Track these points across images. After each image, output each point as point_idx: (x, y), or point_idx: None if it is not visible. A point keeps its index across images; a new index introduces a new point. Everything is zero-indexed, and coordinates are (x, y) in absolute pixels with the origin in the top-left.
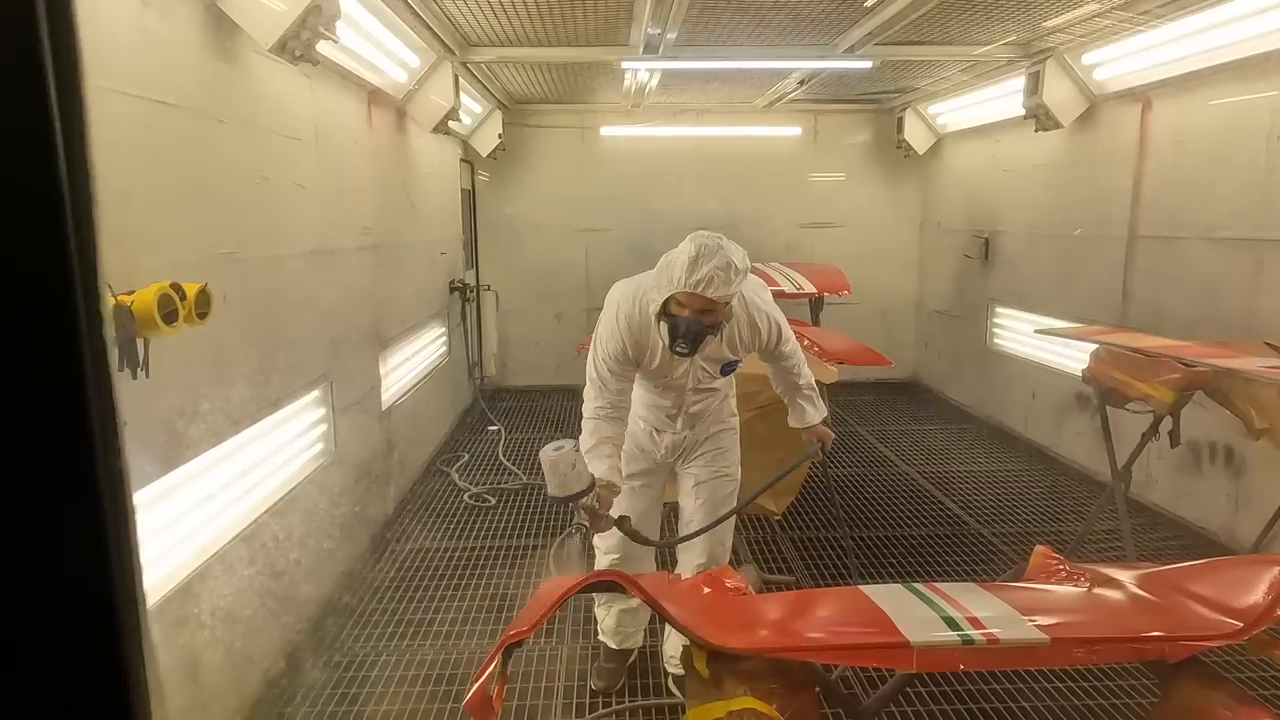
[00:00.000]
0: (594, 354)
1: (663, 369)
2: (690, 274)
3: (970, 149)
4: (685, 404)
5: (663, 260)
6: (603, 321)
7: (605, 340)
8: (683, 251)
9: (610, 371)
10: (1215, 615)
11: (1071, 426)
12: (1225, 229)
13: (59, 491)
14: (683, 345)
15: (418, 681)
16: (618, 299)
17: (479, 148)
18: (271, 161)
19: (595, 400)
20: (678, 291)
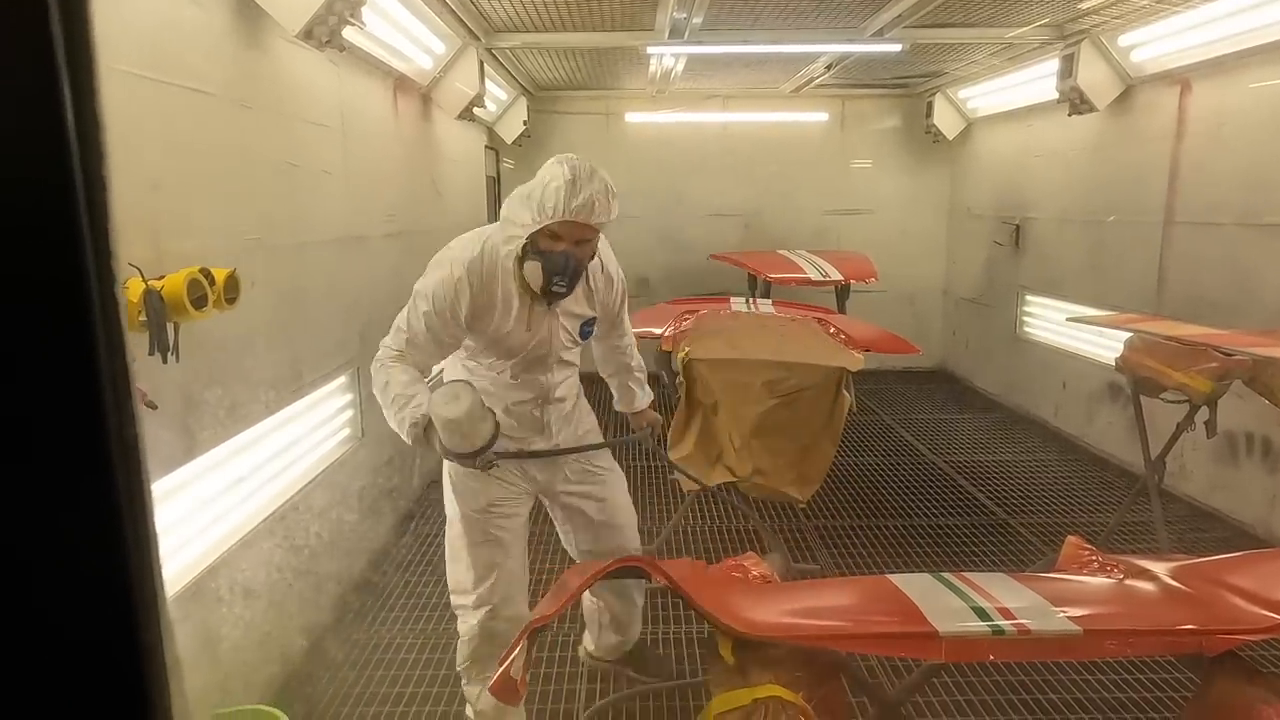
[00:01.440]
0: (408, 313)
1: (517, 332)
2: (571, 198)
3: (1001, 134)
4: (551, 387)
5: (521, 193)
6: (429, 275)
7: (432, 295)
8: (554, 176)
9: (427, 329)
10: (1254, 608)
11: (1103, 416)
12: (1266, 214)
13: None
14: (561, 283)
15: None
16: (455, 250)
17: (504, 135)
18: (299, 148)
19: (393, 360)
20: (554, 222)
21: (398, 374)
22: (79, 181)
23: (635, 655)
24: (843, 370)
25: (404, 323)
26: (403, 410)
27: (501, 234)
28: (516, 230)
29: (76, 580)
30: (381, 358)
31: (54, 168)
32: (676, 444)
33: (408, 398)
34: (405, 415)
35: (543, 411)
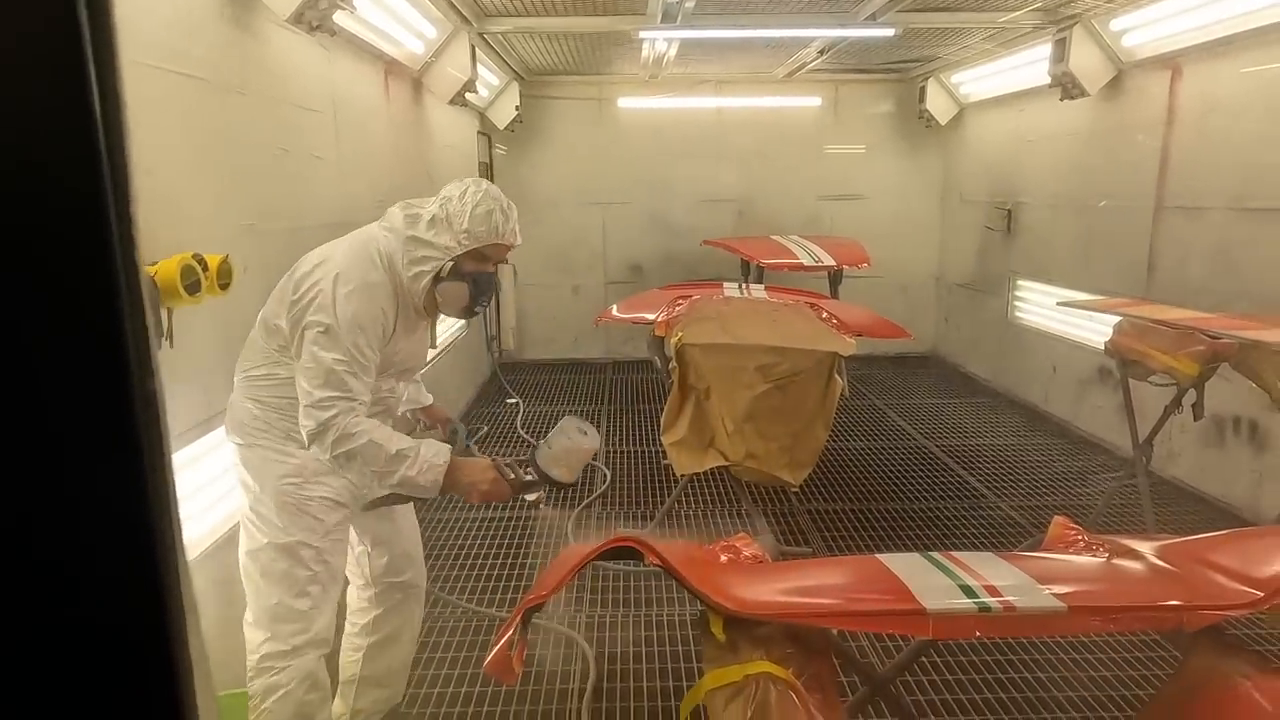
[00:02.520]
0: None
1: (405, 349)
2: (505, 222)
3: (993, 119)
4: (398, 397)
5: (427, 214)
6: (348, 303)
7: (364, 325)
8: (478, 200)
9: (367, 363)
10: (1235, 585)
11: (1092, 400)
12: (1255, 199)
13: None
14: (484, 303)
15: (439, 647)
16: (358, 270)
17: (496, 120)
18: (290, 133)
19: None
20: (489, 244)
21: (375, 429)
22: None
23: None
24: (835, 355)
25: (339, 364)
26: (418, 459)
27: (405, 254)
28: (433, 252)
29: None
30: (337, 419)
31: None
32: (669, 429)
33: (413, 447)
34: (425, 463)
35: (386, 419)
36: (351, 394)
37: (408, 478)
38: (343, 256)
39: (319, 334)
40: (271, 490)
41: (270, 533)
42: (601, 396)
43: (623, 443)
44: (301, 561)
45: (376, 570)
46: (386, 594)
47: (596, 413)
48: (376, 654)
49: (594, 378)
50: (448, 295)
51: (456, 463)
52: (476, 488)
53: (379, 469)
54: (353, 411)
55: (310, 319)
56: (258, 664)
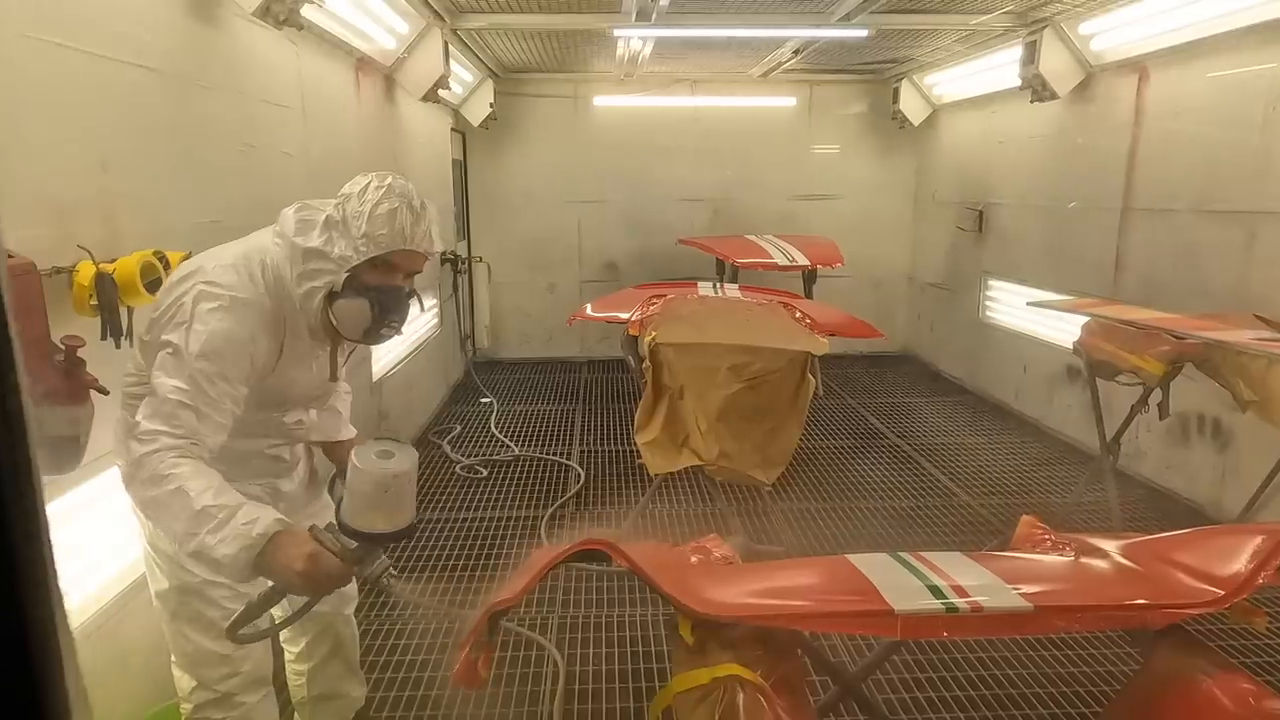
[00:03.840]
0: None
1: (301, 379)
2: (415, 224)
3: (965, 120)
4: (308, 425)
5: (319, 218)
6: (204, 322)
7: (221, 349)
8: (380, 199)
9: (221, 395)
10: (1198, 584)
11: (1062, 399)
12: (1218, 201)
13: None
14: (395, 322)
15: (409, 650)
16: (226, 285)
17: (470, 117)
18: (257, 129)
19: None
20: (395, 251)
21: (194, 477)
22: None
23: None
24: (807, 354)
25: (176, 393)
26: (226, 523)
27: (292, 267)
28: (326, 265)
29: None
30: (152, 455)
31: None
32: (643, 429)
33: (229, 508)
34: (233, 530)
35: (290, 452)
36: (181, 431)
37: (205, 546)
38: (216, 267)
39: (166, 355)
40: (173, 537)
41: (173, 573)
42: (576, 395)
43: (597, 442)
44: (213, 602)
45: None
46: (311, 621)
47: (571, 411)
48: (319, 674)
49: (569, 376)
50: (345, 315)
51: (282, 537)
52: (291, 569)
53: (180, 530)
54: (176, 451)
55: (164, 337)
56: (192, 715)
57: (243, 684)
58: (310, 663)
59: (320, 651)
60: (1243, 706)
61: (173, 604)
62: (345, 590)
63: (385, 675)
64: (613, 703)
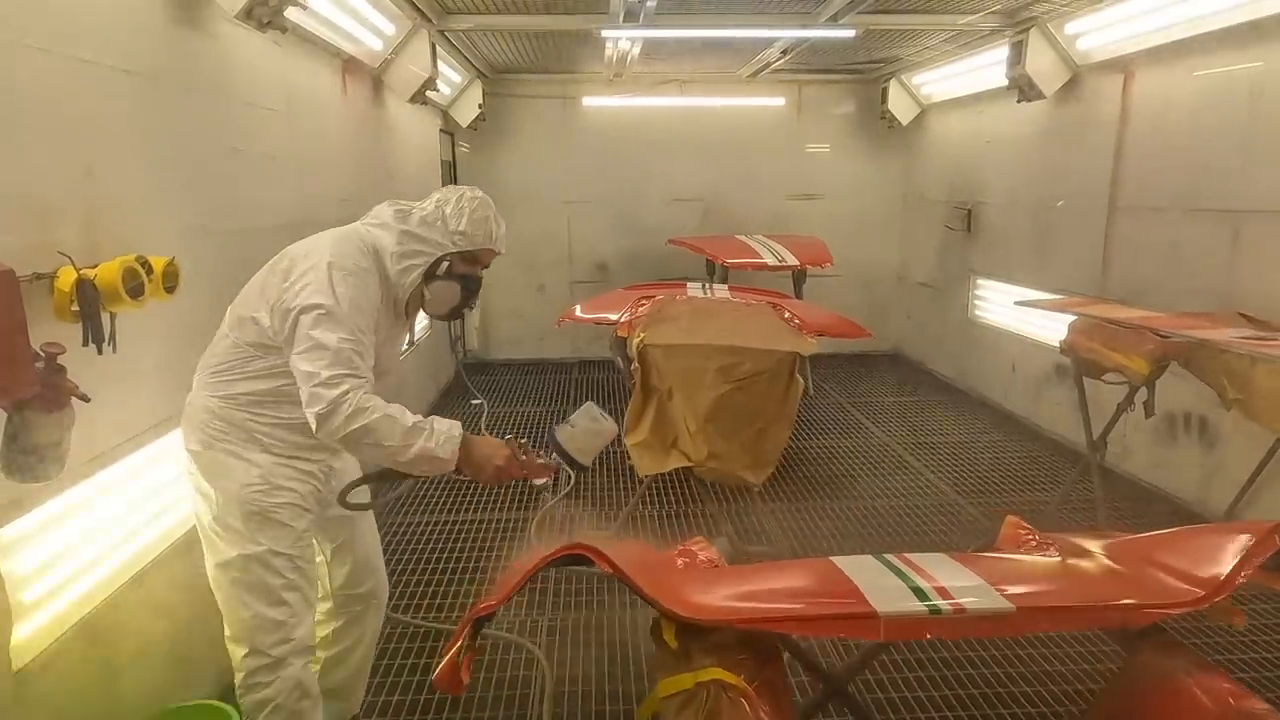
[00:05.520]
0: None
1: (385, 349)
2: (498, 227)
3: (953, 120)
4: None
5: (418, 213)
6: (345, 284)
7: (364, 308)
8: (473, 204)
9: (371, 352)
10: (1179, 584)
11: (1050, 397)
12: (1203, 200)
13: None
14: (473, 304)
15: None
16: (350, 257)
17: (459, 118)
18: (242, 132)
19: (363, 388)
20: (482, 248)
21: (386, 404)
22: None
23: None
24: (795, 355)
25: (345, 343)
26: (434, 432)
27: (396, 248)
28: (426, 247)
29: None
30: (349, 395)
31: None
32: (632, 430)
33: (428, 420)
34: (442, 435)
35: None
36: (360, 372)
37: (426, 450)
38: (332, 244)
39: (320, 316)
40: (235, 499)
41: (238, 543)
42: (567, 396)
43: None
44: (274, 570)
45: (336, 581)
46: (346, 605)
47: (563, 413)
48: (334, 666)
49: (559, 377)
50: (439, 294)
51: (471, 438)
52: (491, 462)
53: (396, 443)
54: (362, 388)
55: (306, 303)
56: (244, 681)
57: (294, 649)
58: (331, 650)
59: (345, 641)
60: (1223, 706)
61: (235, 572)
62: (380, 573)
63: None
64: (602, 705)
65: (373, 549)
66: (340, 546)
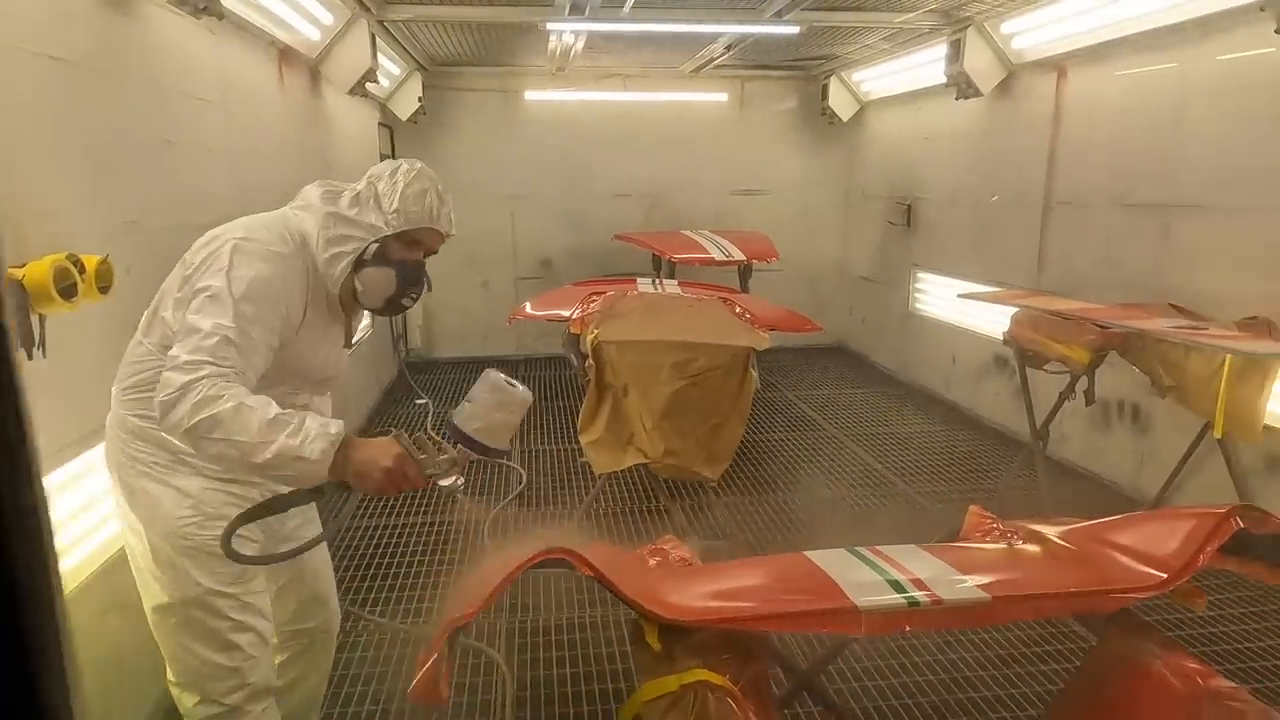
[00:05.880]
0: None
1: (320, 349)
2: (442, 205)
3: (893, 116)
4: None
5: (350, 192)
6: (242, 267)
7: (263, 293)
8: (412, 179)
9: (260, 338)
10: (1142, 568)
11: (990, 387)
12: (1134, 195)
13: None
14: (414, 295)
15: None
16: (263, 241)
17: (398, 111)
18: (176, 123)
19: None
20: (421, 228)
21: (250, 396)
22: None
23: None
24: (749, 350)
25: (221, 329)
26: (303, 429)
27: (322, 232)
28: (355, 231)
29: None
30: (202, 381)
31: None
32: (587, 428)
33: (298, 415)
34: (313, 431)
35: None
36: (228, 363)
37: (287, 448)
38: (246, 227)
39: (205, 299)
40: (167, 535)
41: (175, 586)
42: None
43: (539, 441)
44: (218, 612)
45: (281, 618)
46: (292, 639)
47: None
48: (282, 696)
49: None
50: (371, 283)
51: (353, 439)
52: (376, 465)
53: (250, 439)
54: (225, 377)
55: (196, 287)
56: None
57: (250, 695)
58: (279, 682)
59: (291, 673)
60: (1191, 686)
61: (175, 617)
62: (330, 605)
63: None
64: (566, 708)
65: (323, 581)
66: (285, 585)
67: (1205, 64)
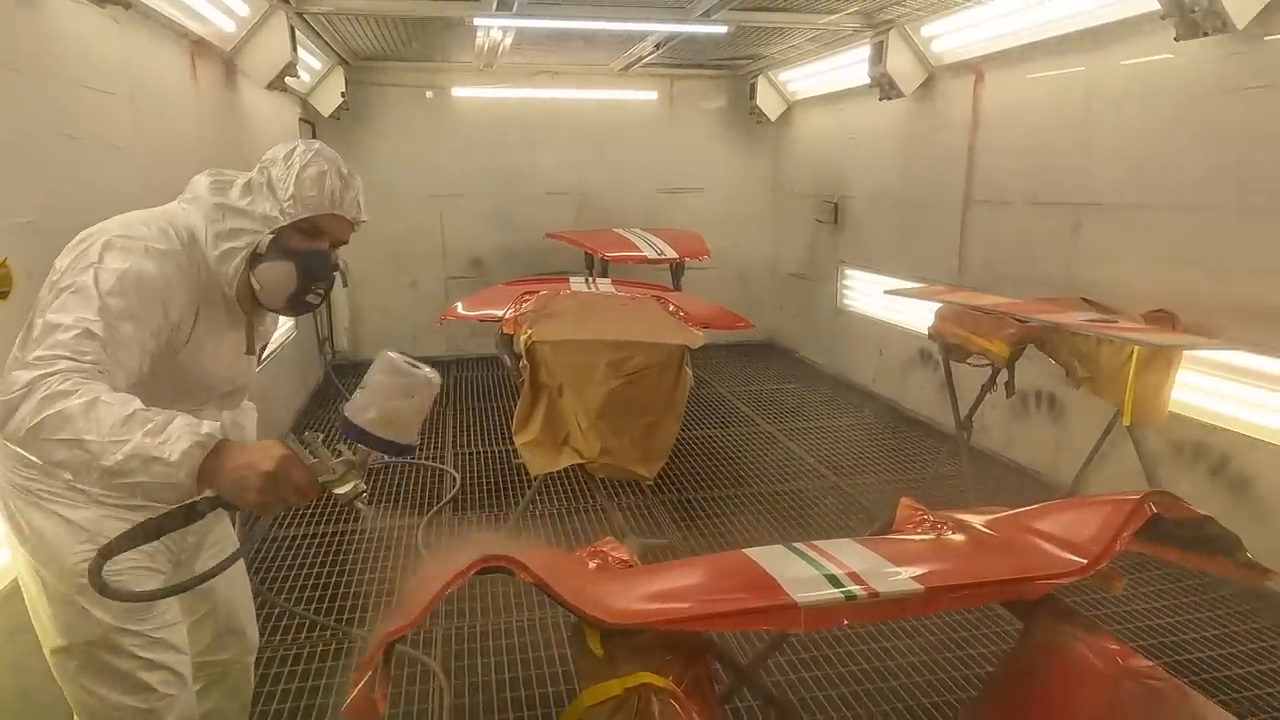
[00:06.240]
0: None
1: (215, 358)
2: (346, 189)
3: (820, 116)
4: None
5: (253, 177)
6: (111, 259)
7: (134, 287)
8: (310, 162)
9: (128, 334)
10: (1065, 554)
11: (916, 381)
12: (1047, 194)
13: None
14: (320, 290)
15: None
16: (138, 233)
17: (320, 106)
18: (78, 118)
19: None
20: (322, 215)
21: (108, 392)
22: None
23: None
24: (684, 348)
25: (81, 322)
26: (166, 428)
27: (209, 226)
28: (247, 223)
29: None
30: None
31: None
32: (522, 429)
33: (164, 413)
34: (177, 431)
35: None
36: (89, 358)
37: (143, 449)
38: (123, 223)
39: (68, 296)
40: (63, 573)
41: (75, 627)
42: (446, 395)
43: (472, 444)
44: (124, 652)
45: (195, 648)
46: (205, 669)
47: (441, 414)
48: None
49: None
50: (269, 279)
51: (228, 443)
52: (255, 471)
53: (101, 438)
54: (83, 373)
55: (62, 285)
56: None
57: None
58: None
59: (207, 704)
60: (1111, 665)
61: (76, 661)
62: (247, 635)
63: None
64: (506, 714)
65: (241, 610)
66: (200, 619)
67: (1112, 68)
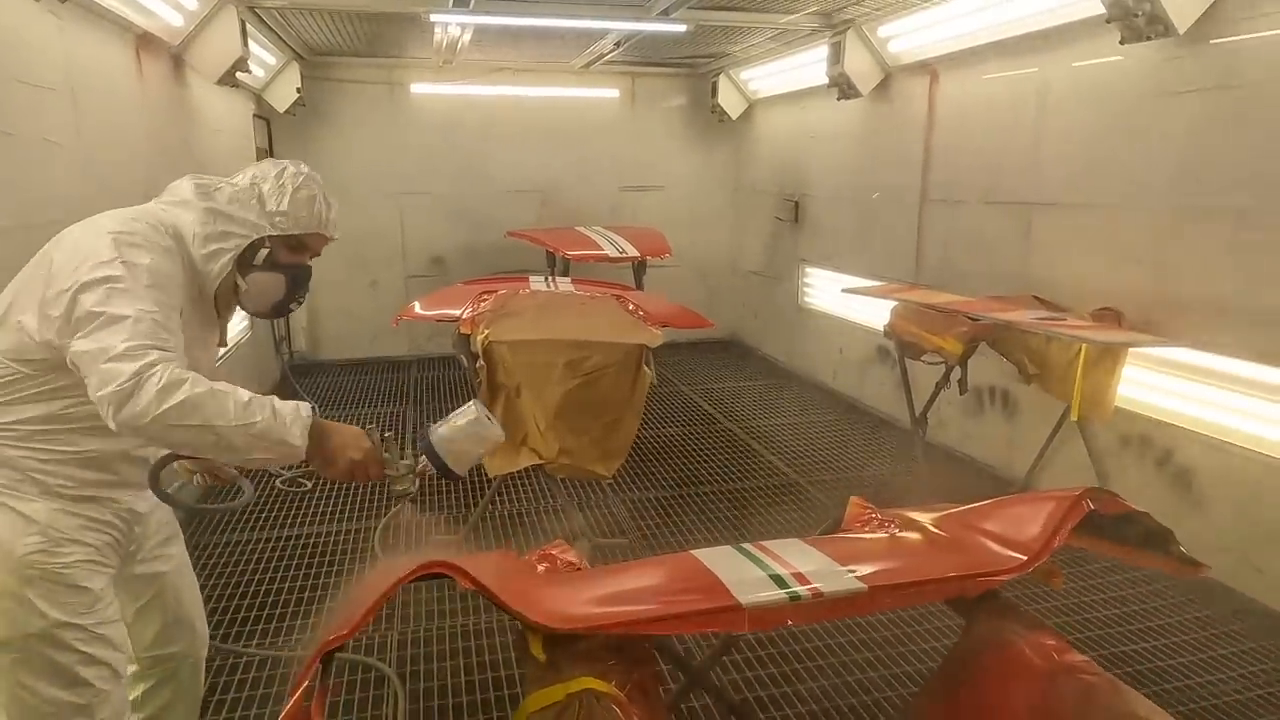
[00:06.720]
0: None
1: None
2: (329, 211)
3: (780, 115)
4: None
5: (242, 187)
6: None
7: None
8: (304, 183)
9: (181, 330)
10: (1006, 551)
11: (875, 377)
12: (1000, 194)
13: None
14: (301, 298)
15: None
16: (140, 235)
17: (275, 103)
18: (14, 113)
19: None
20: (310, 233)
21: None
22: None
23: None
24: (643, 347)
25: (146, 313)
26: (279, 411)
27: (200, 228)
28: (237, 229)
29: None
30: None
31: None
32: None
33: (267, 398)
34: (289, 414)
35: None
36: (170, 346)
37: (270, 430)
38: (114, 220)
39: (110, 290)
40: (10, 566)
41: (16, 620)
42: (405, 396)
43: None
44: (65, 646)
45: (142, 643)
46: (155, 665)
47: (401, 414)
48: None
49: (396, 376)
50: (259, 287)
51: (324, 423)
52: (345, 454)
53: (230, 422)
54: (174, 362)
55: (87, 278)
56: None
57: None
58: (143, 713)
59: (157, 701)
60: (1047, 661)
61: (14, 653)
62: (197, 629)
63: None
64: (461, 718)
65: (188, 603)
66: (146, 606)
67: (1063, 70)
